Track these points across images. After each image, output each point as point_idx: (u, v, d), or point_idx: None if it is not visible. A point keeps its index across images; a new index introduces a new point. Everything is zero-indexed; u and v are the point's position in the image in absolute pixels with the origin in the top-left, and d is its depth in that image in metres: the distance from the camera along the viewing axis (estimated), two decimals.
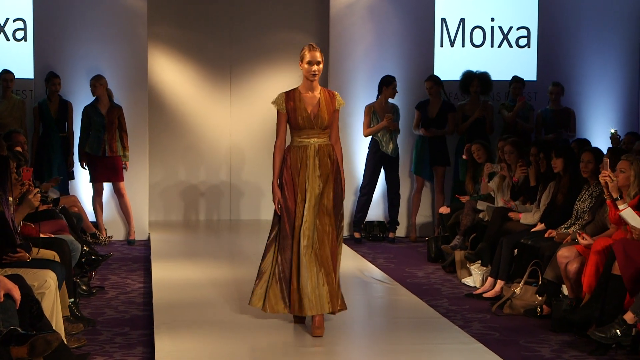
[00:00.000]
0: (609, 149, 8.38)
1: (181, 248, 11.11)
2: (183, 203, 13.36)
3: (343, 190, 7.10)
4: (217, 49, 13.26)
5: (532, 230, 8.52)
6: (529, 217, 8.78)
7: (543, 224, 8.47)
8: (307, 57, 6.98)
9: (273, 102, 7.02)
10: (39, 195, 6.95)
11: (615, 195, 6.96)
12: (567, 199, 8.31)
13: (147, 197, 12.09)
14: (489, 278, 8.56)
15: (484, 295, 8.45)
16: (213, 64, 13.27)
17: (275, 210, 7.01)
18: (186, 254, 10.61)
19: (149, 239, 11.67)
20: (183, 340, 6.73)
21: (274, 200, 6.99)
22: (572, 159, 8.42)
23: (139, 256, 10.72)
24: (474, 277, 8.97)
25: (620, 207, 6.90)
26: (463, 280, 9.14)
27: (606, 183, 7.04)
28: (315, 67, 6.97)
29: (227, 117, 13.32)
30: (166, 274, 9.18)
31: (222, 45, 13.27)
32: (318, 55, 6.99)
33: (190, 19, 13.22)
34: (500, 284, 8.37)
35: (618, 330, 6.33)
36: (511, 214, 8.98)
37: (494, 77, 12.07)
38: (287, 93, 7.06)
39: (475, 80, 11.71)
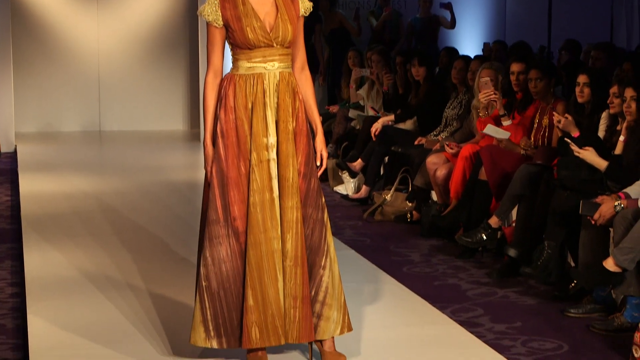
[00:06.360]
0: (475, 56, 8.47)
1: (50, 160, 10.88)
2: (51, 114, 13.05)
3: (321, 155, 4.50)
4: None
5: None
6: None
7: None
8: None
9: (199, 12, 4.36)
10: None
11: (502, 112, 7.01)
12: (434, 106, 8.39)
13: (12, 108, 11.76)
14: (364, 186, 8.64)
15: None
16: None
17: (205, 178, 4.45)
18: (55, 166, 10.41)
19: (15, 151, 11.40)
20: (52, 252, 6.62)
21: (205, 165, 4.42)
22: (433, 67, 8.55)
23: (5, 169, 10.47)
24: (346, 185, 9.06)
25: (505, 123, 6.96)
26: (335, 189, 9.23)
27: (490, 102, 7.09)
28: None
29: (95, 26, 12.98)
30: (35, 187, 9.00)
31: None
32: None
33: None
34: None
35: (484, 234, 6.49)
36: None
37: None
38: None
39: None
